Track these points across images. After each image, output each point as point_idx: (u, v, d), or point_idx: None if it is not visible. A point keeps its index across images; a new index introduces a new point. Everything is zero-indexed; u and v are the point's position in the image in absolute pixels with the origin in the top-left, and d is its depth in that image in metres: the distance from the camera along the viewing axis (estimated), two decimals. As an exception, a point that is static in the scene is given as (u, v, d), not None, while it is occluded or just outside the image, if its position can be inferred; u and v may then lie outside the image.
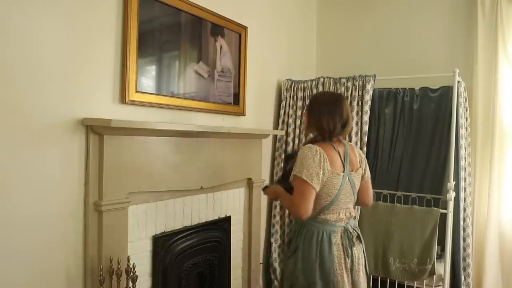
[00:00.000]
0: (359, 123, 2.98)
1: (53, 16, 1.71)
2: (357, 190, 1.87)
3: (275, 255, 3.23)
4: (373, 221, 3.02)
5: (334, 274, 1.72)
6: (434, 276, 2.82)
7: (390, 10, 3.59)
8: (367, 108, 2.95)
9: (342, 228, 1.80)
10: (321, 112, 1.80)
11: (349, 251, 1.77)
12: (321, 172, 1.70)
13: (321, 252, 1.74)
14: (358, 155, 1.92)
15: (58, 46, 1.73)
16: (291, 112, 3.27)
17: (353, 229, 1.86)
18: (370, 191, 2.00)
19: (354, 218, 1.92)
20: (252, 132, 2.80)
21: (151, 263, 2.17)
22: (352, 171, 1.84)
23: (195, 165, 2.39)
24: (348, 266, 1.77)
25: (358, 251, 1.83)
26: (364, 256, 1.89)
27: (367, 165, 1.97)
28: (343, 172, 1.79)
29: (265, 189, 2.11)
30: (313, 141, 1.80)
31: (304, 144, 1.82)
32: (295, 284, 1.79)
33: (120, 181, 1.94)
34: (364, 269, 1.86)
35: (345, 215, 1.82)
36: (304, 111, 1.91)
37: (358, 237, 1.87)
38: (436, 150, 3.17)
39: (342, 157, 1.80)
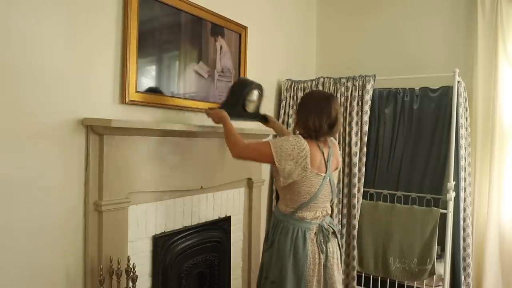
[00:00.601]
0: (359, 123, 2.98)
1: (54, 17, 1.71)
2: (335, 189, 1.94)
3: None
4: (373, 221, 3.02)
5: (307, 269, 1.77)
6: (434, 276, 2.82)
7: (390, 10, 3.59)
8: (367, 108, 2.95)
9: (318, 225, 1.85)
10: (309, 111, 1.81)
11: (324, 247, 1.82)
12: (293, 163, 1.73)
13: (295, 248, 1.78)
14: (340, 155, 2.01)
15: (58, 46, 1.73)
16: (291, 112, 3.28)
17: (329, 225, 1.90)
18: None
19: (330, 215, 1.98)
20: (252, 132, 2.79)
21: (151, 263, 2.17)
22: (334, 171, 1.91)
23: (195, 165, 2.39)
24: (322, 261, 1.81)
25: (333, 246, 1.88)
26: (340, 250, 1.93)
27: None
28: (325, 172, 1.83)
29: (209, 111, 2.14)
30: (303, 136, 1.83)
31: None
32: (269, 277, 1.84)
33: (120, 181, 1.94)
34: (339, 263, 1.90)
35: (322, 213, 1.87)
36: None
37: (333, 232, 1.92)
38: (436, 150, 3.18)
39: (326, 158, 1.84)
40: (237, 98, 2.20)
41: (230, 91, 2.28)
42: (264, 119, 2.44)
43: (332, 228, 1.91)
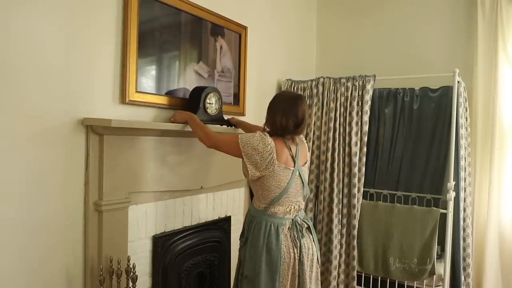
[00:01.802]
0: (359, 123, 2.98)
1: (54, 17, 1.71)
2: (307, 184, 1.97)
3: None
4: (373, 221, 3.02)
5: (281, 263, 1.80)
6: (434, 276, 2.82)
7: (390, 10, 3.59)
8: (367, 108, 2.95)
9: (291, 220, 1.88)
10: (277, 110, 1.89)
11: (297, 242, 1.85)
12: (258, 157, 1.80)
13: (268, 244, 1.81)
14: (308, 151, 2.06)
15: (58, 46, 1.73)
16: (291, 112, 3.27)
17: (303, 221, 1.94)
18: None
19: (304, 210, 2.03)
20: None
21: (151, 263, 2.17)
22: (303, 165, 1.96)
23: (195, 165, 2.39)
24: (297, 256, 1.84)
25: (308, 242, 1.91)
26: (316, 246, 1.96)
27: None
28: (293, 167, 1.88)
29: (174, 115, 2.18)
30: (270, 134, 1.88)
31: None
32: (243, 273, 1.87)
33: (120, 181, 1.94)
34: (315, 260, 1.93)
35: (294, 207, 1.90)
36: None
37: (308, 228, 1.95)
38: (436, 150, 3.18)
39: (294, 153, 1.90)
40: (197, 103, 2.27)
41: (189, 99, 2.33)
42: (229, 124, 2.49)
43: (307, 223, 1.95)
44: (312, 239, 1.95)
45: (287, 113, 1.86)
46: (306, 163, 2.00)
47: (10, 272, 1.61)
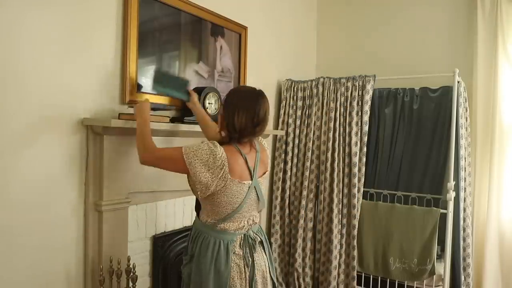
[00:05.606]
0: (359, 123, 2.98)
1: (53, 15, 1.71)
2: (264, 195, 1.72)
3: (275, 255, 3.23)
4: (373, 221, 3.02)
5: (231, 285, 1.59)
6: (434, 276, 2.82)
7: (390, 10, 3.59)
8: (367, 108, 2.96)
9: (242, 235, 1.66)
10: (236, 107, 1.59)
11: (249, 260, 1.65)
12: (209, 174, 1.53)
13: (216, 264, 1.59)
14: (268, 159, 1.79)
15: (58, 45, 1.73)
16: (291, 112, 3.28)
17: (256, 234, 1.73)
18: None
19: (257, 223, 1.78)
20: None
21: (151, 263, 2.17)
22: (261, 177, 1.71)
23: (195, 165, 2.38)
24: (248, 276, 1.64)
25: (260, 257, 1.70)
26: (269, 261, 1.76)
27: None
28: (250, 180, 1.64)
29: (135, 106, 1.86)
30: (220, 142, 1.61)
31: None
32: None
33: (120, 181, 1.93)
34: (268, 276, 1.73)
35: (247, 222, 1.68)
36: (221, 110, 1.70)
37: (261, 242, 1.74)
38: (436, 150, 3.18)
39: (252, 164, 1.65)
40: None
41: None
42: None
43: (260, 237, 1.74)
44: (264, 253, 1.74)
45: (248, 110, 1.57)
46: (265, 173, 1.74)
47: (10, 272, 1.60)
